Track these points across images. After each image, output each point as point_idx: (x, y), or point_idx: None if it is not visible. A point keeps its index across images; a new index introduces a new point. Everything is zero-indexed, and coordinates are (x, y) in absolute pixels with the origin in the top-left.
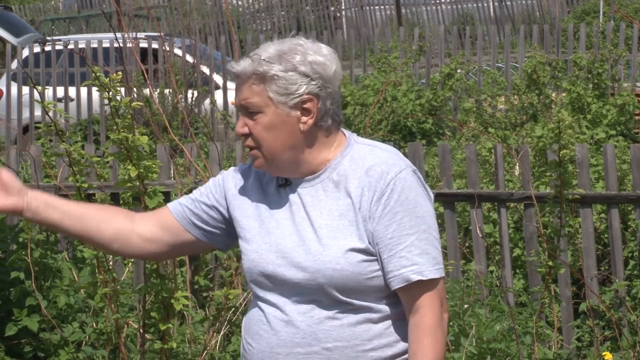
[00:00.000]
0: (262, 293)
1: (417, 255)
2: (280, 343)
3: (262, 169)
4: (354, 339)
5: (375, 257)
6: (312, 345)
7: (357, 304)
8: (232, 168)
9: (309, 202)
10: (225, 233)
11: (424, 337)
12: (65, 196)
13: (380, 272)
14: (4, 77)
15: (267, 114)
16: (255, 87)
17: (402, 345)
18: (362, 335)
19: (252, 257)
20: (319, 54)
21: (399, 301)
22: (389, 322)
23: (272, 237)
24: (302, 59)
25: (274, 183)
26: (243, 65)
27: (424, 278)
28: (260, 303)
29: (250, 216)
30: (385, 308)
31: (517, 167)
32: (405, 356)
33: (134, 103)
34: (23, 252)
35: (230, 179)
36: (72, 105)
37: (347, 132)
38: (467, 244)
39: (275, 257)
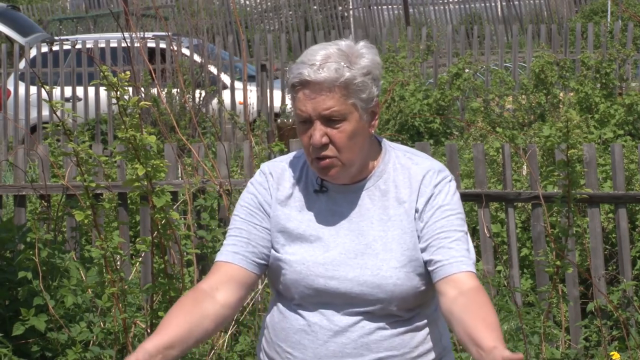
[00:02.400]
0: (304, 303)
1: (465, 250)
2: (329, 354)
3: (333, 178)
4: (403, 347)
5: (423, 265)
6: (364, 356)
7: (406, 315)
8: (257, 179)
9: (356, 212)
10: None
11: (488, 304)
12: (73, 196)
13: (424, 284)
14: (12, 76)
15: (350, 121)
16: (339, 96)
17: (439, 348)
18: (409, 343)
19: (299, 269)
20: (376, 55)
21: (436, 307)
22: (428, 328)
23: (317, 249)
24: (370, 62)
25: (310, 189)
26: (326, 72)
27: (472, 270)
28: (301, 311)
29: (291, 220)
30: (426, 314)
31: (524, 167)
32: (443, 357)
33: (141, 102)
34: (31, 252)
35: (264, 191)
36: (80, 105)
37: (377, 136)
38: (474, 244)
39: (324, 270)
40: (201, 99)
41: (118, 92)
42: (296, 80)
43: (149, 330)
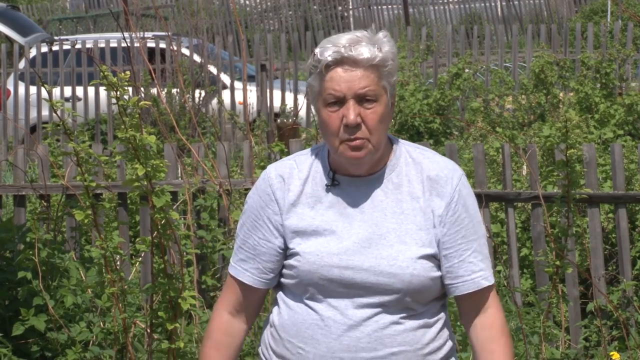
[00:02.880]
0: (317, 296)
1: (481, 260)
2: (343, 348)
3: (363, 160)
4: (416, 343)
5: (438, 262)
6: (378, 350)
7: (419, 309)
8: (262, 187)
9: (369, 204)
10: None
11: (501, 337)
12: (73, 196)
13: (439, 277)
14: (12, 76)
15: (381, 103)
16: (373, 76)
17: (447, 347)
18: (421, 340)
19: (313, 259)
20: (394, 45)
21: (445, 304)
22: (439, 325)
23: (331, 241)
24: (393, 49)
25: (322, 183)
26: (362, 52)
27: (491, 283)
28: (313, 306)
29: (304, 219)
30: (437, 312)
31: (524, 167)
32: (451, 357)
33: (141, 102)
34: (30, 252)
35: (271, 201)
36: (80, 105)
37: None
38: None
39: (339, 260)
40: (201, 99)
41: (118, 92)
42: (331, 59)
43: (148, 330)
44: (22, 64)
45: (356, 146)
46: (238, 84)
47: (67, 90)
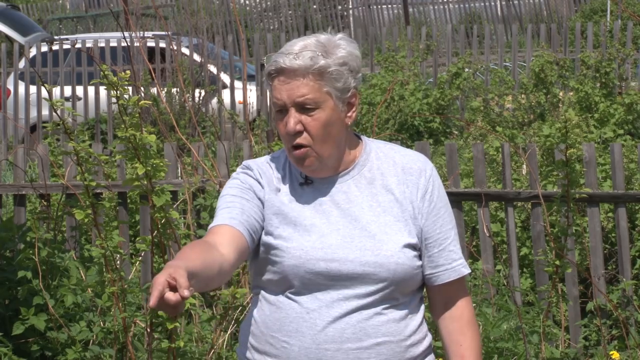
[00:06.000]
0: (303, 289)
1: (458, 249)
2: (329, 339)
3: (310, 168)
4: (399, 334)
5: (419, 252)
6: (363, 341)
7: (401, 300)
8: (244, 169)
9: (344, 199)
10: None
11: (468, 329)
12: (73, 195)
13: (421, 266)
14: (12, 76)
15: (324, 110)
16: (313, 83)
17: (427, 341)
18: (404, 331)
19: (298, 254)
20: (354, 48)
21: (422, 298)
22: (419, 318)
23: (313, 235)
24: (347, 54)
25: (295, 183)
26: (301, 60)
27: (469, 271)
28: (297, 299)
29: (282, 214)
30: (418, 304)
31: (524, 166)
32: (430, 353)
33: (141, 102)
34: (30, 251)
35: (253, 180)
36: (80, 105)
37: (355, 132)
38: (474, 243)
39: (324, 254)
40: (201, 98)
41: (118, 92)
42: (272, 68)
43: (148, 330)
44: (22, 64)
45: (300, 156)
46: (238, 84)
47: (67, 90)
